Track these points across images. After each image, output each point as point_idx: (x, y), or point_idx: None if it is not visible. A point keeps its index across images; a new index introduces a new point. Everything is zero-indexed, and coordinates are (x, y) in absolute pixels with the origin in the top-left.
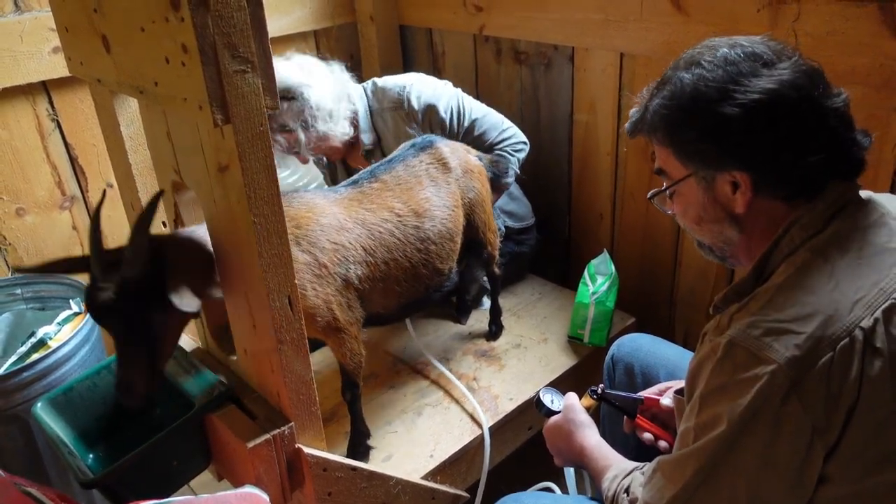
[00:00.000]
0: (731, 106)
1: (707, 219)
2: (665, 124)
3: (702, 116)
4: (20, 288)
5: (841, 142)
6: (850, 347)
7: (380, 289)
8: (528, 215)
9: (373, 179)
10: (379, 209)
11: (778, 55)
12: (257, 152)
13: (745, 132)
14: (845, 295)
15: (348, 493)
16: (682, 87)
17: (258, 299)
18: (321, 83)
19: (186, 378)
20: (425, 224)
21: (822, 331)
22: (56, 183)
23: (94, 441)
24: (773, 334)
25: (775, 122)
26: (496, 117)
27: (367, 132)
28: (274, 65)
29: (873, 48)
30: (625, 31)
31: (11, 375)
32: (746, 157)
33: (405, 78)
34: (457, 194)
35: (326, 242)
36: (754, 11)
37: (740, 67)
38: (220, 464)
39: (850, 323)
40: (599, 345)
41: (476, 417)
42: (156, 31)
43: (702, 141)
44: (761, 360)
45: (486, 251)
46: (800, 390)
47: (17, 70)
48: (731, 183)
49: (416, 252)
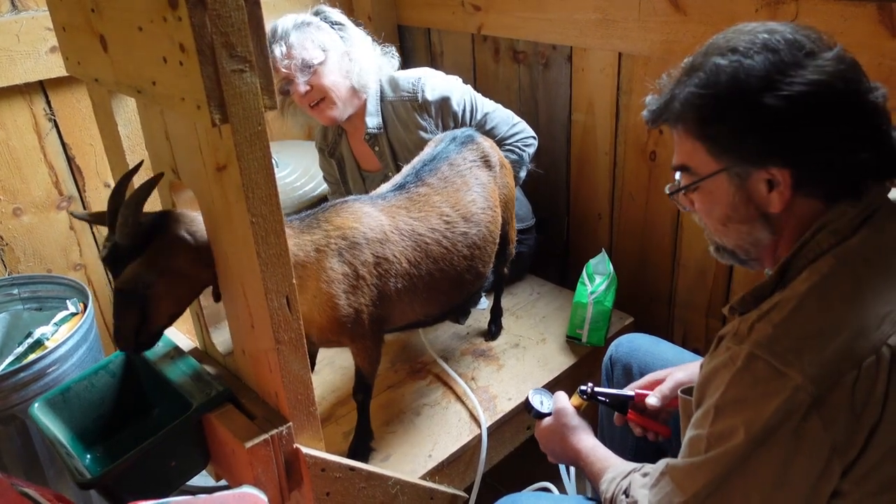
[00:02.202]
0: (775, 97)
1: (736, 219)
2: (697, 114)
3: (742, 107)
4: (17, 288)
5: (885, 139)
6: (876, 365)
7: (422, 298)
8: (528, 216)
9: (419, 183)
10: (427, 217)
11: (818, 45)
12: (255, 152)
13: (791, 126)
14: (872, 309)
15: (347, 493)
16: (719, 73)
17: (256, 299)
18: (360, 35)
19: (184, 378)
20: (472, 230)
21: (847, 347)
22: (53, 183)
23: (92, 441)
24: (796, 349)
25: (823, 115)
26: (505, 112)
27: (373, 115)
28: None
29: (872, 48)
30: (623, 31)
31: (8, 376)
32: (790, 152)
33: (418, 71)
34: (496, 193)
35: (370, 255)
36: (753, 11)
37: (782, 56)
38: (218, 464)
39: (876, 340)
40: (598, 345)
41: (476, 416)
42: (153, 31)
43: (740, 134)
44: (783, 375)
45: (508, 248)
46: (821, 408)
47: (14, 70)
48: (766, 181)
49: (462, 259)
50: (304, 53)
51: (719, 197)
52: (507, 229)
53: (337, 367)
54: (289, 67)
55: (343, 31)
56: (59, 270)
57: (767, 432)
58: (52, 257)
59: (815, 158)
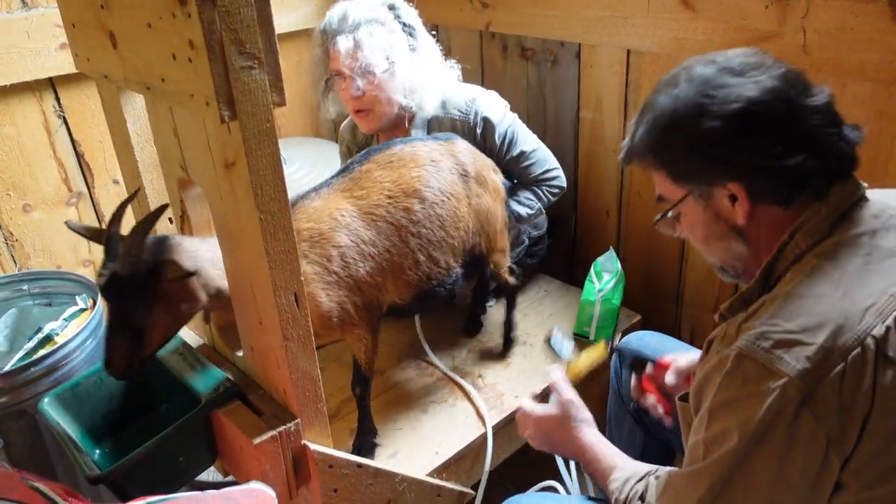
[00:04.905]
0: (709, 119)
1: (714, 236)
2: (652, 149)
3: (683, 134)
4: (27, 284)
5: (821, 139)
6: (862, 357)
7: (390, 279)
8: (542, 223)
9: (365, 161)
10: (369, 193)
11: (753, 66)
12: (264, 149)
13: (727, 143)
14: (855, 303)
15: (354, 489)
16: (661, 108)
17: (264, 296)
18: (430, 44)
19: (192, 374)
20: (415, 206)
21: (832, 341)
22: (63, 179)
23: (101, 437)
24: (783, 346)
25: (754, 128)
26: (545, 154)
27: (420, 130)
28: None
29: (883, 44)
30: (632, 28)
31: (18, 371)
32: (735, 167)
33: (471, 90)
34: (458, 188)
35: (332, 249)
36: (763, 7)
37: (711, 82)
38: (226, 460)
39: (861, 332)
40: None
41: (481, 415)
42: (163, 28)
43: (689, 158)
44: (772, 373)
45: (488, 269)
46: (812, 403)
47: (24, 66)
48: (728, 196)
49: (410, 236)
50: (370, 57)
51: (694, 218)
52: (480, 245)
53: (345, 364)
54: (350, 68)
55: (414, 38)
56: (68, 266)
57: (762, 431)
58: (61, 253)
59: (759, 168)
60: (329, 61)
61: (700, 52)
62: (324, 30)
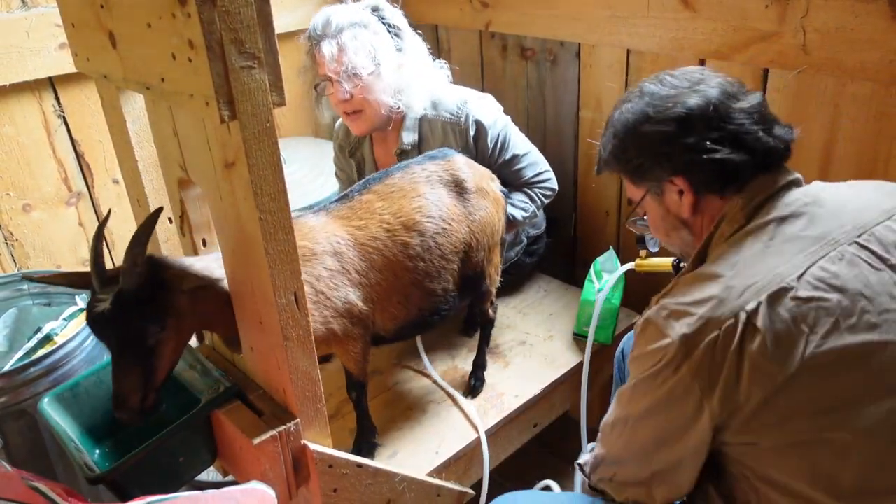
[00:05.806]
0: (653, 124)
1: (669, 228)
2: (615, 156)
3: (632, 139)
4: (27, 283)
5: (745, 135)
6: (734, 328)
7: (379, 309)
8: (541, 221)
9: (364, 191)
10: (367, 224)
11: (696, 81)
12: (264, 149)
13: (668, 142)
14: (741, 282)
15: (354, 489)
16: (616, 121)
17: (264, 296)
18: (416, 44)
19: (192, 374)
20: (414, 240)
21: (711, 313)
22: (62, 179)
23: (101, 437)
24: (675, 315)
25: (688, 128)
26: (537, 157)
27: (410, 131)
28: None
29: (883, 44)
30: (632, 28)
31: (18, 371)
32: (675, 162)
33: (462, 93)
34: (459, 209)
35: (322, 270)
36: (763, 7)
37: (656, 95)
38: (226, 460)
39: (736, 306)
40: (605, 342)
41: (473, 423)
42: (162, 27)
43: (640, 159)
44: (664, 336)
45: (483, 284)
46: (689, 361)
47: (23, 66)
48: (677, 191)
49: (405, 272)
50: (355, 60)
51: (654, 214)
52: (481, 261)
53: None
54: (336, 72)
55: (400, 39)
56: (67, 266)
57: (651, 378)
58: (60, 253)
59: (695, 162)
60: (317, 67)
61: (700, 52)
62: (309, 36)
